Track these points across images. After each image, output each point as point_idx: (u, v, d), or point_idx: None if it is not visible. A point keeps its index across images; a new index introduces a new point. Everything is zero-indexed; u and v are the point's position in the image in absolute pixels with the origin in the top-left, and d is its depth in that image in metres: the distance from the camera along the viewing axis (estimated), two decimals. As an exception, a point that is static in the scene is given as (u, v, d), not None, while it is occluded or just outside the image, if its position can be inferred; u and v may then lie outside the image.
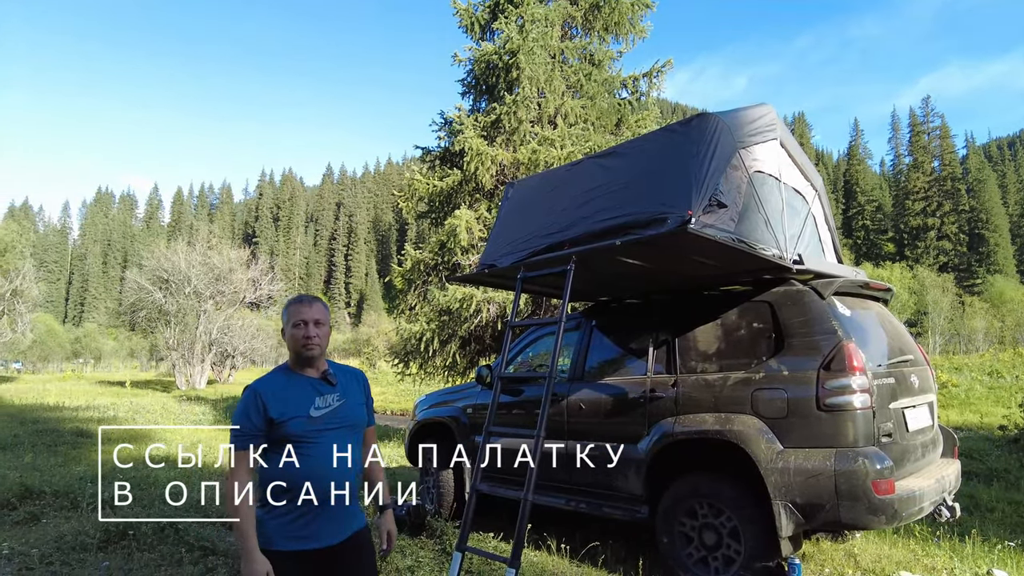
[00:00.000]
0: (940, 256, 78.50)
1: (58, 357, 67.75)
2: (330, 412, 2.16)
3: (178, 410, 17.29)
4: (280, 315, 2.26)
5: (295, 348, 2.16)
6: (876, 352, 3.79)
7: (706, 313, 4.16)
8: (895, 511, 3.31)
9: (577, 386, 4.67)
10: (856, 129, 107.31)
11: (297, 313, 2.16)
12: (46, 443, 10.88)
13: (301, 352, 2.15)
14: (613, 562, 4.33)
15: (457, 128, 9.27)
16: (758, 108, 3.84)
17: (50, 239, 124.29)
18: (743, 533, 3.64)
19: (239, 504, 1.97)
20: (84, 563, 4.47)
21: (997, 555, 4.40)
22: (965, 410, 16.11)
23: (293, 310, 2.18)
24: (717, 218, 3.27)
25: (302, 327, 2.15)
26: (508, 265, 4.11)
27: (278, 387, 2.12)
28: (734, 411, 3.72)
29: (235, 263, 31.37)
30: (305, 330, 2.14)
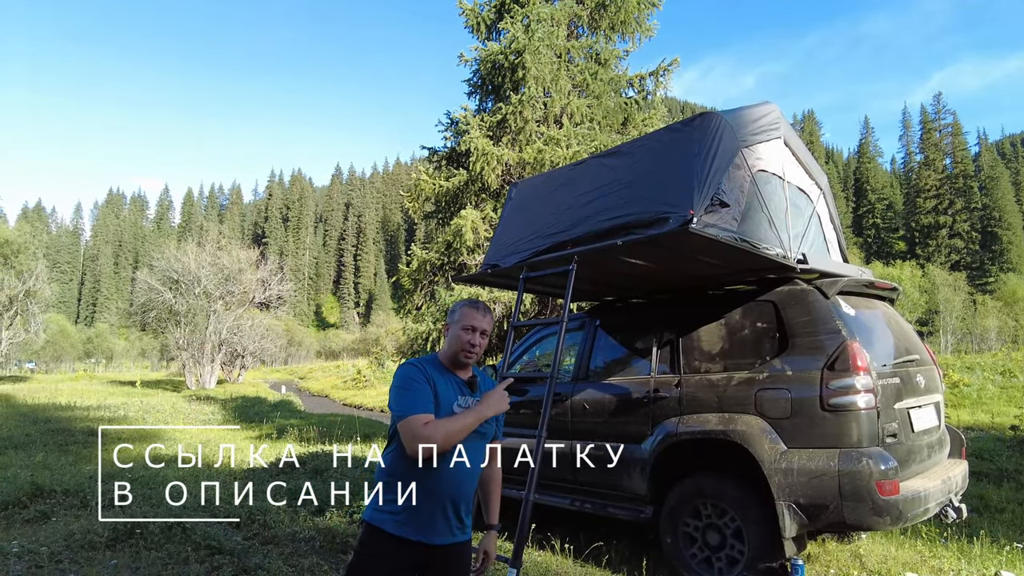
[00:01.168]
0: (952, 254, 77.80)
1: (70, 357, 68.43)
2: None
3: (188, 410, 17.42)
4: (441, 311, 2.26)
5: (456, 349, 2.15)
6: (881, 352, 3.76)
7: (710, 313, 4.14)
8: (900, 512, 3.29)
9: (581, 386, 4.67)
10: (866, 127, 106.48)
11: (470, 317, 2.16)
12: (57, 442, 11.01)
13: (459, 356, 2.15)
14: (617, 562, 4.32)
15: (463, 128, 9.28)
16: (762, 107, 3.82)
17: (63, 240, 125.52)
18: (747, 534, 3.63)
19: (455, 422, 1.98)
20: (92, 561, 4.51)
21: (1006, 556, 4.35)
22: (977, 410, 15.96)
23: (467, 313, 2.17)
24: (719, 218, 3.26)
25: (470, 332, 2.15)
26: (511, 265, 4.11)
27: (436, 373, 2.11)
28: (738, 411, 3.70)
29: (244, 263, 31.56)
30: (471, 336, 2.15)
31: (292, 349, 72.98)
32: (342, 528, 5.24)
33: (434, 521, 2.05)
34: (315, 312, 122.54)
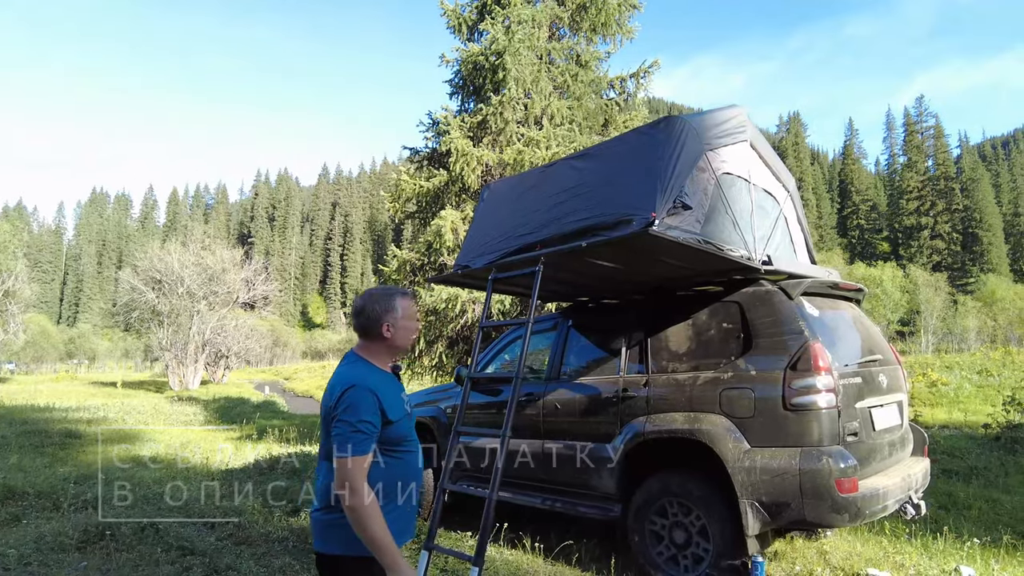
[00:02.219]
0: (933, 255, 78.87)
1: (52, 358, 67.54)
2: (411, 407, 2.15)
3: (169, 411, 17.28)
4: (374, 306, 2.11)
5: (406, 341, 2.13)
6: (844, 352, 3.82)
7: (679, 313, 4.19)
8: (858, 509, 3.35)
9: (553, 386, 4.71)
10: (851, 128, 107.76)
11: (414, 308, 2.17)
12: (33, 444, 10.88)
13: (406, 346, 2.15)
14: (587, 561, 4.36)
15: (443, 129, 9.30)
16: (728, 110, 3.88)
17: (44, 239, 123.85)
18: (711, 532, 3.68)
19: (379, 518, 1.83)
20: (62, 563, 4.48)
21: (966, 552, 4.44)
22: (954, 408, 16.20)
23: (409, 306, 2.14)
24: (682, 220, 3.31)
25: (415, 322, 2.17)
26: (481, 266, 4.13)
27: (384, 385, 2.02)
28: (703, 410, 3.75)
29: (228, 263, 31.33)
30: (416, 324, 2.18)
31: (278, 350, 72.57)
32: (316, 528, 5.22)
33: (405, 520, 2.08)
34: (301, 312, 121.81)
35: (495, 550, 4.56)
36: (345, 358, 2.14)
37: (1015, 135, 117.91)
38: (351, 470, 1.83)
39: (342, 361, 2.14)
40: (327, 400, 2.00)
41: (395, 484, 2.01)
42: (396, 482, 2.01)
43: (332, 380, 2.03)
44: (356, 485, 1.83)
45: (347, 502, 1.82)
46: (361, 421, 1.88)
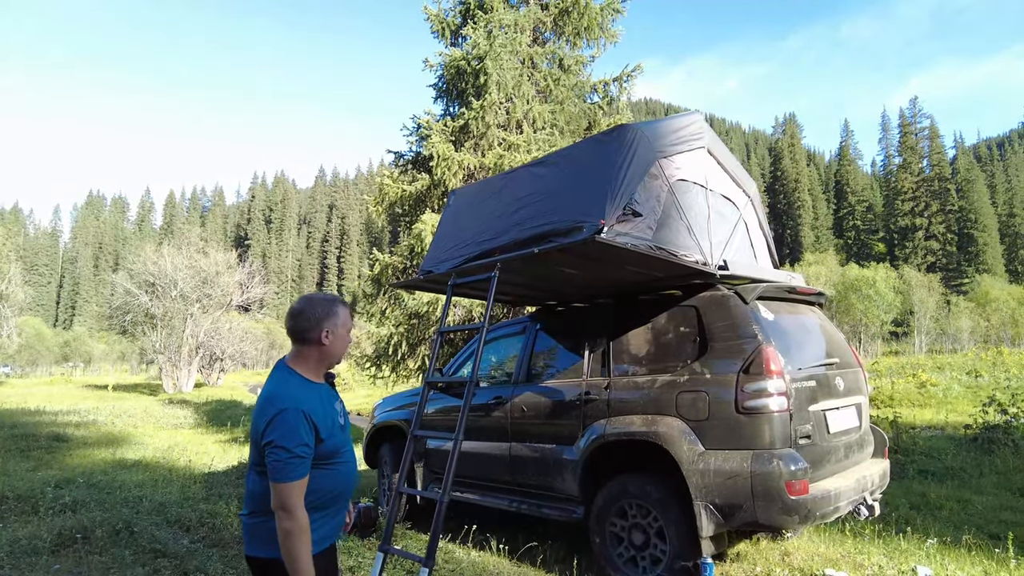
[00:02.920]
0: (928, 256, 79.11)
1: (47, 361, 67.44)
2: (346, 418, 2.10)
3: (160, 413, 17.30)
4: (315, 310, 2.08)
5: (340, 351, 2.11)
6: (799, 356, 3.88)
7: (640, 317, 4.25)
8: (809, 511, 3.40)
9: (520, 389, 4.76)
10: (847, 129, 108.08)
11: (350, 320, 2.14)
12: (20, 448, 10.88)
13: (340, 357, 2.12)
14: (552, 562, 4.41)
15: (425, 133, 9.36)
16: (684, 118, 3.94)
17: (40, 242, 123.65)
18: (668, 533, 3.73)
19: (307, 543, 1.86)
20: (35, 567, 4.51)
21: (927, 552, 4.50)
22: (942, 409, 16.24)
23: (348, 316, 2.12)
24: (633, 226, 3.37)
25: (350, 333, 2.15)
26: (444, 271, 4.19)
27: (315, 402, 1.99)
28: (660, 413, 3.81)
29: (222, 266, 31.33)
30: (350, 338, 2.15)
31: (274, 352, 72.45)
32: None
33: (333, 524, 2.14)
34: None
35: (463, 551, 4.62)
36: (276, 368, 2.09)
37: (1010, 136, 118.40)
38: (290, 495, 1.85)
39: (273, 370, 2.10)
40: (259, 417, 1.95)
41: (326, 495, 2.03)
42: (327, 493, 2.03)
43: (264, 395, 2.00)
44: (293, 509, 1.85)
45: (283, 524, 1.84)
46: (299, 446, 1.87)
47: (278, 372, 2.07)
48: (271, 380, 2.05)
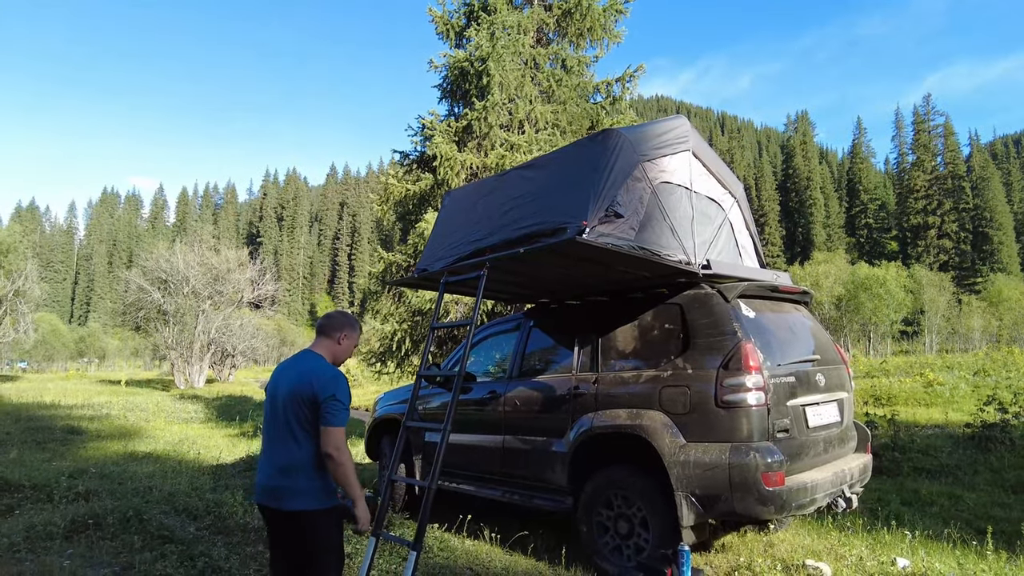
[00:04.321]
0: (940, 255, 78.34)
1: (63, 356, 68.42)
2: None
3: (171, 408, 17.62)
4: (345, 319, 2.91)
5: (346, 355, 2.85)
6: (779, 352, 4.00)
7: (628, 314, 4.39)
8: (784, 502, 3.53)
9: (514, 384, 4.91)
10: (859, 128, 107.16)
11: (359, 339, 2.93)
12: (36, 440, 11.18)
13: (343, 359, 2.85)
14: (542, 551, 4.56)
15: (429, 133, 9.53)
16: (669, 122, 4.07)
17: (56, 239, 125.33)
18: (651, 523, 3.88)
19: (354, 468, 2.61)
20: (49, 551, 4.70)
21: (908, 545, 4.61)
22: (948, 408, 16.23)
23: (358, 336, 2.92)
24: (615, 227, 3.51)
25: (355, 347, 2.92)
26: (438, 270, 4.35)
27: None
28: (644, 407, 3.95)
29: (233, 263, 31.72)
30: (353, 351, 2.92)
31: (285, 349, 73.14)
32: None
33: None
34: (309, 311, 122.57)
35: (458, 540, 4.78)
36: (305, 353, 2.79)
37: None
38: (342, 436, 2.55)
39: (301, 356, 2.79)
40: (313, 383, 2.58)
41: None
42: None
43: (311, 370, 2.65)
44: (344, 447, 2.54)
45: (339, 459, 2.52)
46: (348, 400, 2.62)
47: (313, 356, 2.76)
48: (312, 360, 2.73)
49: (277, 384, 2.71)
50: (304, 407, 2.57)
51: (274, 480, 2.62)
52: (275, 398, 2.69)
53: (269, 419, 2.72)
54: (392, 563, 4.16)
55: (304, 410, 2.57)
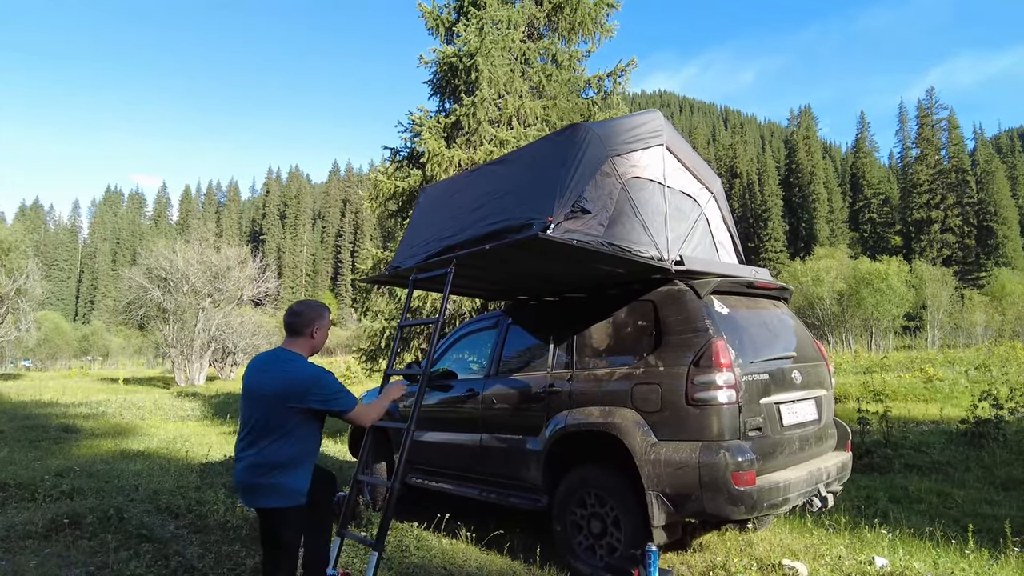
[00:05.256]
0: (944, 249, 77.83)
1: (66, 354, 68.63)
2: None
3: (168, 406, 17.63)
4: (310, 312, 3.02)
5: (322, 343, 3.03)
6: (753, 349, 3.94)
7: (603, 311, 4.34)
8: (755, 501, 3.48)
9: (492, 381, 4.87)
10: (863, 121, 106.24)
11: (329, 322, 3.10)
12: (30, 438, 11.18)
13: (320, 348, 3.05)
14: (518, 549, 4.53)
15: (418, 130, 9.48)
16: (641, 116, 4.01)
17: (60, 238, 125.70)
18: (623, 522, 3.83)
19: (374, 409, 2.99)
20: (26, 550, 4.69)
21: (888, 543, 4.56)
22: (947, 404, 16.11)
23: (328, 320, 3.07)
24: (582, 223, 3.45)
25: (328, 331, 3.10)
26: (410, 267, 4.31)
27: None
28: (616, 404, 3.90)
29: (233, 261, 31.74)
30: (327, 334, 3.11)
31: (291, 345, 73.15)
32: (272, 519, 5.42)
33: None
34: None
35: (434, 538, 4.74)
36: (285, 354, 2.87)
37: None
38: (363, 409, 2.89)
39: (281, 357, 2.85)
40: (302, 393, 2.71)
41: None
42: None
43: (291, 373, 2.76)
44: (367, 411, 2.92)
45: (368, 423, 2.98)
46: (339, 383, 2.84)
47: (293, 357, 2.87)
48: (295, 363, 2.83)
49: (259, 384, 2.76)
50: (293, 412, 2.68)
51: (252, 477, 2.71)
52: (256, 399, 2.73)
53: (247, 418, 2.76)
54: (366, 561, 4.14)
55: (291, 413, 2.68)
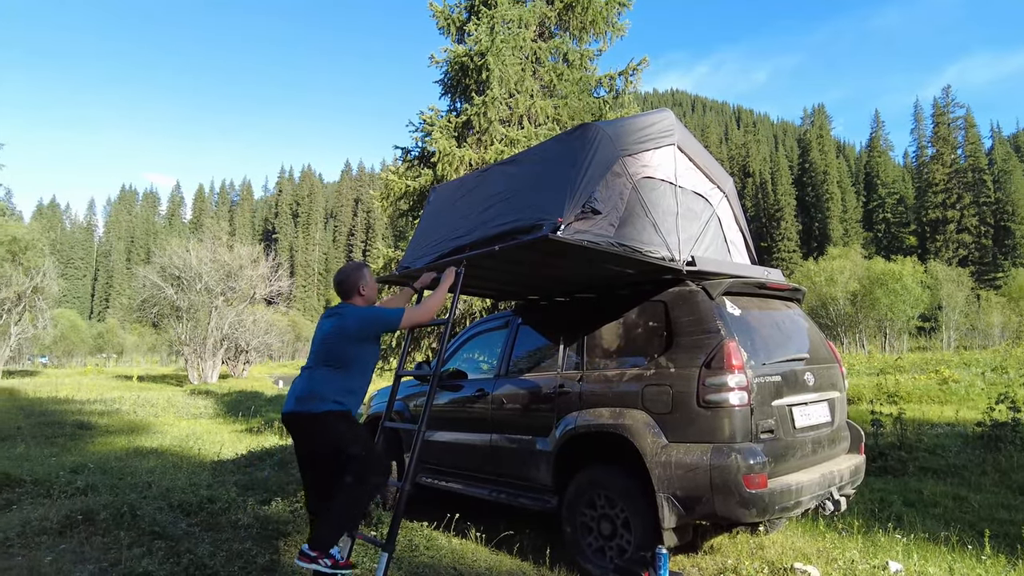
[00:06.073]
0: (960, 249, 76.82)
1: (82, 352, 69.44)
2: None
3: (181, 404, 17.80)
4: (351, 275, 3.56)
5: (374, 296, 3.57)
6: (765, 351, 3.90)
7: (613, 311, 4.32)
8: (766, 505, 3.44)
9: (502, 381, 4.86)
10: (877, 121, 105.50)
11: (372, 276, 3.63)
12: (46, 435, 11.34)
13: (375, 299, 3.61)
14: (528, 550, 4.52)
15: (429, 129, 9.49)
16: (652, 115, 3.98)
17: (76, 236, 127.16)
18: (633, 524, 3.81)
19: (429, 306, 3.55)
20: (41, 546, 4.74)
21: (903, 547, 4.50)
22: (962, 406, 15.92)
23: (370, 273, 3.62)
24: (593, 224, 3.43)
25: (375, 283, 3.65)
26: (420, 267, 4.31)
27: None
28: (627, 406, 3.88)
29: (246, 260, 31.97)
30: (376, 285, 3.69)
31: (300, 344, 73.72)
32: (283, 516, 5.45)
33: None
34: (324, 307, 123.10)
35: (445, 539, 4.74)
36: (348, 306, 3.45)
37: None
38: (411, 311, 3.45)
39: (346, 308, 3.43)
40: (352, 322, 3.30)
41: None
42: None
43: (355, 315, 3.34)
44: (416, 312, 3.49)
45: (423, 317, 3.49)
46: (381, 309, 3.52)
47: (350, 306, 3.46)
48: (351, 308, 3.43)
49: (323, 326, 3.41)
50: (345, 343, 3.26)
51: (307, 392, 3.22)
52: (318, 339, 3.37)
53: (312, 352, 3.37)
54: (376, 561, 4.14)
55: (343, 345, 3.26)
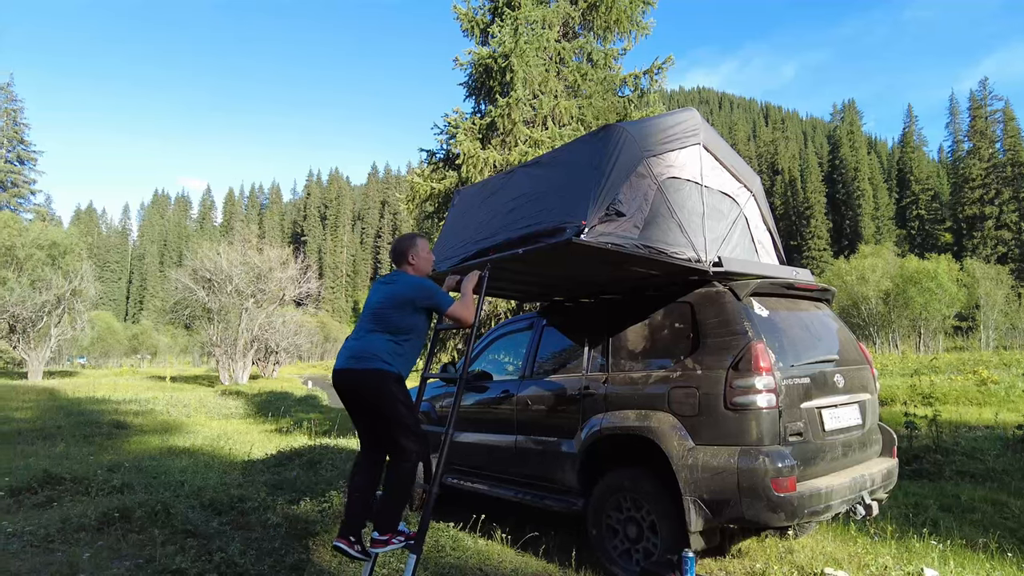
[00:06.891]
0: (999, 246, 74.46)
1: (118, 353, 71.23)
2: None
3: (213, 404, 18.16)
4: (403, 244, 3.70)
5: (427, 267, 3.68)
6: (794, 352, 3.84)
7: (639, 313, 4.29)
8: (795, 509, 3.39)
9: (527, 383, 4.87)
10: (910, 115, 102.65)
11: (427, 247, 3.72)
12: (84, 434, 11.66)
13: (428, 270, 3.71)
14: (554, 552, 4.51)
15: (453, 131, 9.54)
16: (677, 115, 3.95)
17: (112, 240, 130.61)
18: (660, 527, 3.79)
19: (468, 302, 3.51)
20: (79, 542, 4.88)
21: (939, 554, 4.39)
22: (1002, 408, 15.49)
23: (425, 244, 3.69)
24: (617, 226, 3.42)
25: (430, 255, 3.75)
26: (444, 270, 4.33)
27: None
28: (653, 408, 3.85)
29: (275, 262, 32.49)
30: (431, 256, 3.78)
31: (328, 345, 74.60)
32: (312, 516, 5.52)
33: None
34: (352, 308, 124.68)
35: (471, 539, 4.76)
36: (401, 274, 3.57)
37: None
38: (457, 306, 3.42)
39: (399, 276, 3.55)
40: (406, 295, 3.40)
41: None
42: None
43: (406, 283, 3.46)
44: (461, 309, 3.43)
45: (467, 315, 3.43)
46: (436, 288, 3.49)
47: (402, 274, 3.57)
48: (402, 277, 3.54)
49: (375, 293, 3.51)
50: (395, 310, 3.37)
51: (359, 350, 3.34)
52: (370, 304, 3.48)
53: (362, 316, 3.50)
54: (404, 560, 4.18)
55: (393, 311, 3.37)
